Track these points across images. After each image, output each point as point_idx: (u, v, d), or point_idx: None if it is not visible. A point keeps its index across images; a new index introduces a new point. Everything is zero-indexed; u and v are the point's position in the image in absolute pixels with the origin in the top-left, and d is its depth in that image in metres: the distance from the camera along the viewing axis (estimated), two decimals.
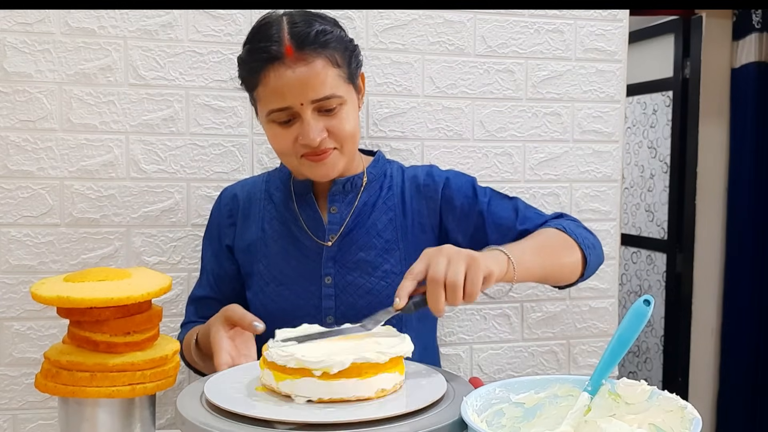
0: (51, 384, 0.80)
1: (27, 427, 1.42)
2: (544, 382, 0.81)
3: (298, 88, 1.06)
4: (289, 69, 1.06)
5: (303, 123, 1.08)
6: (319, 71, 1.06)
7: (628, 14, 1.66)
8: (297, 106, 1.07)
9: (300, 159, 1.12)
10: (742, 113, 2.84)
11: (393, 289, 1.16)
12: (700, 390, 2.94)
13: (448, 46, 1.56)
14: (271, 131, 1.12)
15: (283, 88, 1.06)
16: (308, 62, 1.06)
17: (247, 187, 1.29)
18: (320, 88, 1.07)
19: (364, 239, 1.19)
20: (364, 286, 1.17)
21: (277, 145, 1.13)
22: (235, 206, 1.27)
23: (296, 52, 1.05)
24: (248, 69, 1.11)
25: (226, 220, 1.27)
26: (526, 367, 1.64)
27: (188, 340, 1.22)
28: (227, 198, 1.29)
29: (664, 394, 0.74)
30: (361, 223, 1.20)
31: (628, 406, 0.75)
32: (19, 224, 1.39)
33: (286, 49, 1.05)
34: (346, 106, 1.11)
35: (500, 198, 1.23)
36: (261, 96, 1.10)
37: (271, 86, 1.07)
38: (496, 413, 0.78)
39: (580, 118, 1.64)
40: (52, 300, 0.78)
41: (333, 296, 1.18)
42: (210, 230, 1.31)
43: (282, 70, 1.06)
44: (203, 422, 0.73)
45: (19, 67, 1.37)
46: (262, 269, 1.22)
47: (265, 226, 1.23)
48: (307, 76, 1.06)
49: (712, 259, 2.94)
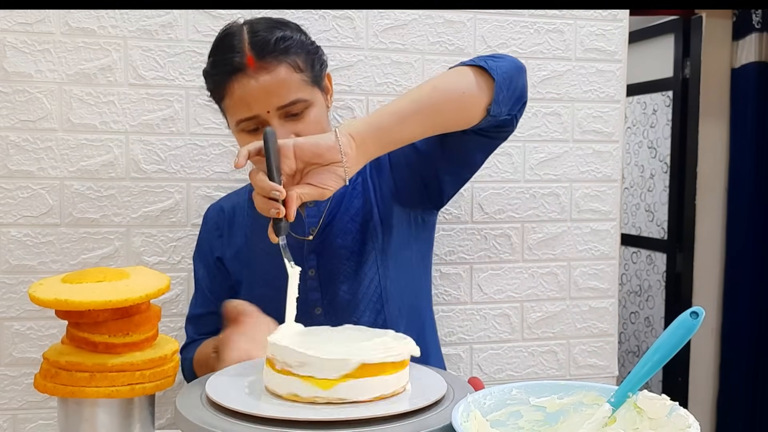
0: (50, 384, 0.80)
1: (27, 427, 1.42)
2: (568, 388, 0.78)
3: (263, 97, 1.07)
4: (252, 78, 1.07)
5: None
6: (282, 78, 1.07)
7: (628, 14, 1.66)
8: (263, 113, 1.08)
9: None
10: (742, 113, 2.84)
11: (375, 271, 1.20)
12: (700, 390, 2.94)
13: (448, 46, 1.56)
14: (242, 140, 1.13)
15: (248, 98, 1.08)
16: (270, 70, 1.07)
17: (232, 198, 1.32)
18: (285, 95, 1.08)
19: (341, 225, 1.20)
20: (345, 272, 1.19)
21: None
22: (222, 218, 1.29)
23: (257, 62, 1.07)
24: (213, 82, 1.13)
25: (213, 233, 1.29)
26: (526, 367, 1.64)
27: (204, 356, 1.20)
28: (213, 212, 1.31)
29: (679, 411, 0.70)
30: (337, 211, 1.21)
31: (651, 421, 0.72)
32: (19, 224, 1.39)
33: (248, 60, 1.07)
34: (313, 109, 1.12)
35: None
36: (228, 107, 1.12)
37: (236, 97, 1.09)
38: (511, 414, 0.77)
39: (580, 118, 1.64)
40: (49, 303, 0.78)
41: (318, 288, 1.19)
42: (200, 247, 1.32)
43: (245, 80, 1.07)
44: (203, 421, 0.73)
45: (19, 67, 1.37)
46: (248, 275, 1.24)
47: (248, 233, 1.25)
48: (270, 84, 1.07)
49: (712, 259, 2.94)
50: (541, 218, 1.63)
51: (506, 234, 1.62)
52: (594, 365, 1.69)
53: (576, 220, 1.65)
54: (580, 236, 1.66)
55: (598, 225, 1.66)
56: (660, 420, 0.71)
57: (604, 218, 1.67)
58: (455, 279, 1.59)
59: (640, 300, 3.18)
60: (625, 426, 0.73)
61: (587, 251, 1.66)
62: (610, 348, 1.69)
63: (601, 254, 1.67)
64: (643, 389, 0.74)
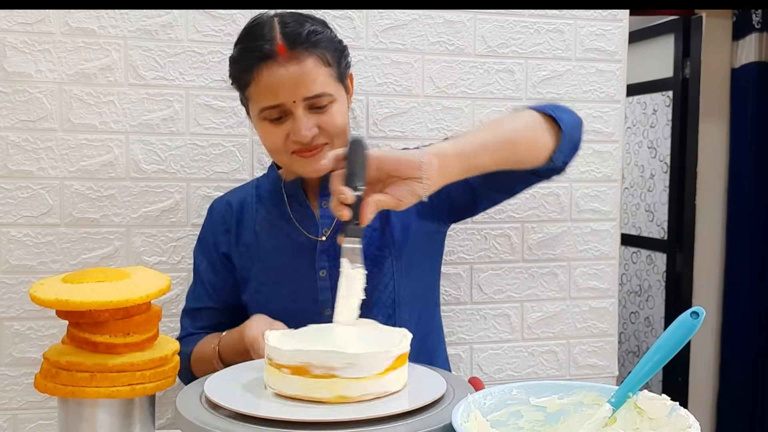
0: (50, 384, 0.80)
1: (27, 427, 1.42)
2: (568, 388, 0.78)
3: (291, 86, 1.09)
4: (282, 67, 1.08)
5: (295, 120, 1.11)
6: (310, 70, 1.09)
7: (628, 14, 1.66)
8: (289, 103, 1.10)
9: (291, 156, 1.14)
10: (742, 113, 2.84)
11: (387, 275, 1.19)
12: (700, 390, 2.94)
13: (448, 46, 1.56)
14: (262, 129, 1.14)
15: (275, 86, 1.09)
16: (300, 60, 1.09)
17: (239, 193, 1.31)
18: (312, 86, 1.09)
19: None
20: None
21: (269, 143, 1.15)
22: (229, 213, 1.28)
23: (288, 51, 1.08)
24: (240, 67, 1.13)
25: (219, 227, 1.28)
26: (526, 367, 1.64)
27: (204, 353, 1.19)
28: (220, 207, 1.30)
29: (680, 411, 0.70)
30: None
31: (651, 421, 0.72)
32: (19, 224, 1.39)
33: (279, 48, 1.08)
34: (337, 104, 1.13)
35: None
36: (253, 94, 1.13)
37: (263, 84, 1.10)
38: (512, 414, 0.77)
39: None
40: (50, 303, 0.78)
41: (329, 288, 1.18)
42: (203, 241, 1.31)
43: (274, 68, 1.09)
44: (203, 421, 0.73)
45: (19, 67, 1.37)
46: (257, 272, 1.23)
47: (257, 229, 1.24)
48: (299, 74, 1.09)
49: (712, 259, 2.94)
50: (541, 218, 1.63)
51: (506, 234, 1.62)
52: (594, 365, 1.69)
53: (576, 220, 1.65)
54: (580, 236, 1.66)
55: (598, 225, 1.66)
56: (660, 420, 0.71)
57: (604, 218, 1.67)
58: (455, 279, 1.59)
59: (640, 300, 3.18)
60: (626, 426, 0.73)
61: (587, 251, 1.66)
62: (610, 348, 1.69)
63: (601, 254, 1.67)
64: (644, 389, 0.74)
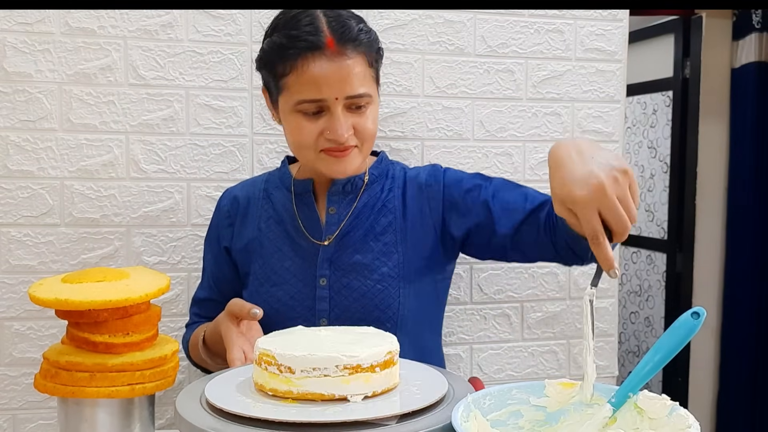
0: (50, 384, 0.80)
1: (27, 427, 1.42)
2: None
3: (336, 82, 1.05)
4: (329, 61, 1.05)
5: (332, 117, 1.08)
6: (357, 68, 1.07)
7: (628, 14, 1.66)
8: (331, 99, 1.07)
9: (318, 153, 1.11)
10: (741, 113, 2.84)
11: (389, 293, 1.16)
12: (700, 390, 2.94)
13: (448, 46, 1.56)
14: (295, 121, 1.10)
15: (320, 79, 1.05)
16: (349, 57, 1.06)
17: (247, 187, 1.29)
18: (356, 85, 1.07)
19: (362, 241, 1.18)
20: (359, 290, 1.16)
21: (299, 137, 1.10)
22: (234, 207, 1.27)
23: (337, 45, 1.05)
24: (282, 54, 1.07)
25: (224, 221, 1.27)
26: (526, 367, 1.64)
27: (195, 339, 1.22)
28: (227, 199, 1.29)
29: (680, 411, 0.70)
30: (360, 224, 1.19)
31: (651, 421, 0.72)
32: (19, 224, 1.39)
33: (328, 41, 1.05)
34: (372, 106, 1.12)
35: (508, 186, 1.20)
36: (291, 84, 1.08)
37: (306, 75, 1.06)
38: (512, 414, 0.77)
39: (580, 118, 1.64)
40: (50, 302, 0.78)
41: (327, 298, 1.16)
42: (210, 232, 1.31)
43: (321, 61, 1.05)
44: (203, 423, 0.73)
45: (19, 67, 1.37)
46: (257, 269, 1.21)
47: (261, 226, 1.23)
48: (347, 72, 1.06)
49: (712, 259, 2.94)
50: None
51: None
52: (594, 365, 1.68)
53: None
54: None
55: None
56: (660, 420, 0.71)
57: None
58: (455, 279, 1.59)
59: (640, 300, 3.18)
60: (626, 426, 0.73)
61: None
62: (610, 348, 1.69)
63: None
64: (644, 389, 0.74)
